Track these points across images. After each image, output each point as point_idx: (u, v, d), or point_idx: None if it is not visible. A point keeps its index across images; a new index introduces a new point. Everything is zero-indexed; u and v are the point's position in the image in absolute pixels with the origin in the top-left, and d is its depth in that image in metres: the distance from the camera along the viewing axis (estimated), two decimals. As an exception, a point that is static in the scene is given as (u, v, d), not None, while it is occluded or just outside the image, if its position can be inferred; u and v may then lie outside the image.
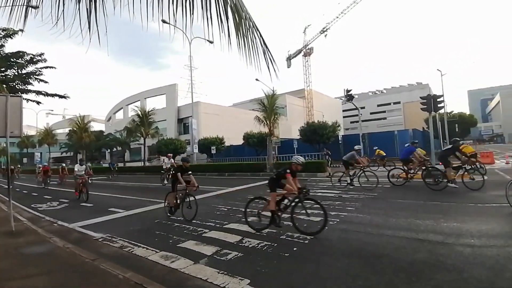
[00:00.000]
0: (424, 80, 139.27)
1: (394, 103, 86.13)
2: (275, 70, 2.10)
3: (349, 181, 9.80)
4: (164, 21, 1.86)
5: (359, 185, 9.68)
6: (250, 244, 4.47)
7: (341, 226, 5.23)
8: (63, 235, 5.49)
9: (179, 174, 6.52)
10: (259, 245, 4.38)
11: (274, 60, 2.10)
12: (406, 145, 11.00)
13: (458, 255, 3.62)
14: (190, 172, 6.76)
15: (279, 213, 5.08)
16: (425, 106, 13.04)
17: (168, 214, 6.62)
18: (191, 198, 6.32)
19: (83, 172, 10.80)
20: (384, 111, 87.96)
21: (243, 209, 5.59)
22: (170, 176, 13.76)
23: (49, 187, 16.24)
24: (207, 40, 1.93)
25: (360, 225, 5.26)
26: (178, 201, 6.47)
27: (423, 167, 9.39)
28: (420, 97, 13.72)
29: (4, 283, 3.26)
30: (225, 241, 4.67)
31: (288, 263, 3.67)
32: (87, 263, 3.76)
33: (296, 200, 4.96)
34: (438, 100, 13.01)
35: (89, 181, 10.67)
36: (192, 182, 6.54)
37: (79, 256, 4.07)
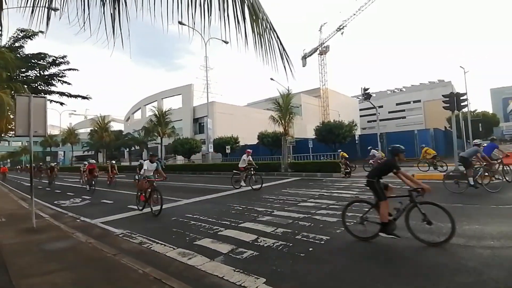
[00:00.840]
0: (445, 77, 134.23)
1: (414, 102, 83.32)
2: (291, 70, 2.10)
3: (471, 183, 7.93)
4: (181, 23, 1.90)
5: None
6: (266, 243, 4.49)
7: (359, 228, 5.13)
8: (85, 230, 5.71)
9: (400, 172, 4.23)
10: (275, 245, 4.38)
11: (290, 61, 2.09)
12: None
13: (478, 257, 3.53)
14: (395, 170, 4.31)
15: None
16: (448, 105, 12.52)
17: (380, 233, 4.26)
18: (420, 208, 4.09)
19: (152, 173, 7.71)
20: (404, 110, 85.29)
21: None
22: (247, 177, 11.47)
23: (95, 188, 12.76)
24: (223, 41, 1.96)
25: (378, 227, 5.14)
26: (394, 214, 4.30)
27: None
28: (443, 95, 13.19)
29: (24, 280, 3.25)
30: (241, 239, 4.71)
31: (304, 263, 3.66)
32: (108, 258, 3.91)
33: None
34: (461, 98, 12.47)
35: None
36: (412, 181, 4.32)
37: (101, 251, 4.23)
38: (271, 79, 23.60)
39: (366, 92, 20.90)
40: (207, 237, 4.90)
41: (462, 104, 12.54)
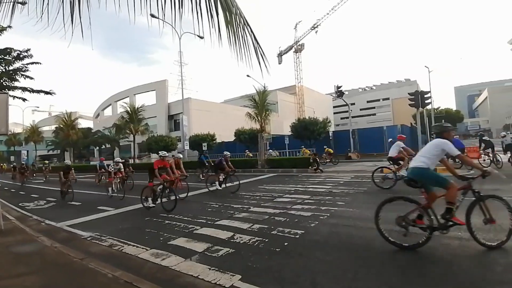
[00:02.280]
0: (412, 76, 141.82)
1: (383, 99, 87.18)
2: (266, 66, 2.08)
3: None
4: (152, 15, 1.81)
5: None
6: (242, 240, 4.48)
7: (332, 221, 5.29)
8: (50, 234, 5.38)
9: None
10: (251, 241, 4.39)
11: (265, 56, 2.08)
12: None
13: (446, 247, 3.71)
14: None
15: None
16: (413, 102, 13.29)
17: None
18: None
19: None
20: (374, 107, 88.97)
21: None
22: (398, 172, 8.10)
23: (177, 197, 7.30)
24: (197, 36, 1.89)
25: (350, 219, 5.34)
26: None
27: None
28: (408, 93, 13.98)
29: None
30: (217, 237, 4.66)
31: (279, 258, 3.70)
32: (75, 263, 3.70)
33: None
34: (425, 96, 13.26)
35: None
36: None
37: (67, 255, 3.99)
38: (248, 76, 23.50)
39: (339, 90, 21.57)
40: (182, 237, 4.80)
41: (426, 101, 13.34)
